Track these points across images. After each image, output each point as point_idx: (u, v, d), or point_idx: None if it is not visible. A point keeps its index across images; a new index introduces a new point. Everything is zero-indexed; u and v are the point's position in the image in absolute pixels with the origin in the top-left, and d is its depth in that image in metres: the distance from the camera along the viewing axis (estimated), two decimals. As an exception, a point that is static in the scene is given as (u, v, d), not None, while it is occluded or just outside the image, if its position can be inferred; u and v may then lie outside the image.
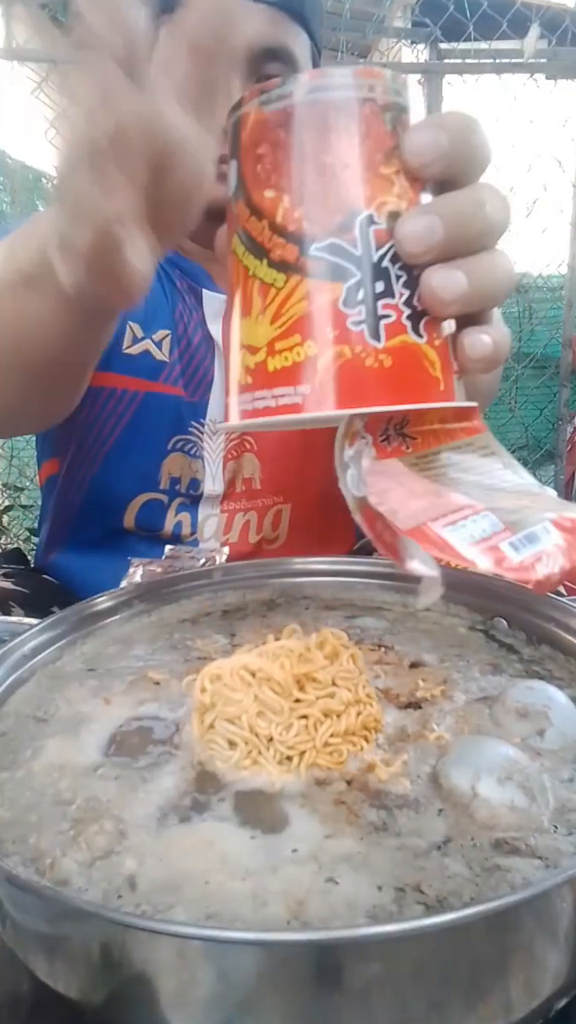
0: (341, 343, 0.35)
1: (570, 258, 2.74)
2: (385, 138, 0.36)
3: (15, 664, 0.55)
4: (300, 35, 0.82)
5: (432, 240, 0.35)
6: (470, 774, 0.40)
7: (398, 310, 0.35)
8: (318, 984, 0.30)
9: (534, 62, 2.50)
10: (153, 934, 0.30)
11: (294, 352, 0.36)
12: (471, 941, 0.30)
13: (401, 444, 0.38)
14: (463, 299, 0.35)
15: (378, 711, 0.46)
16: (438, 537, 0.34)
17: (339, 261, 0.35)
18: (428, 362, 0.36)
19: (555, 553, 0.34)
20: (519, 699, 0.47)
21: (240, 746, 0.43)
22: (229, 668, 0.46)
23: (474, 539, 0.34)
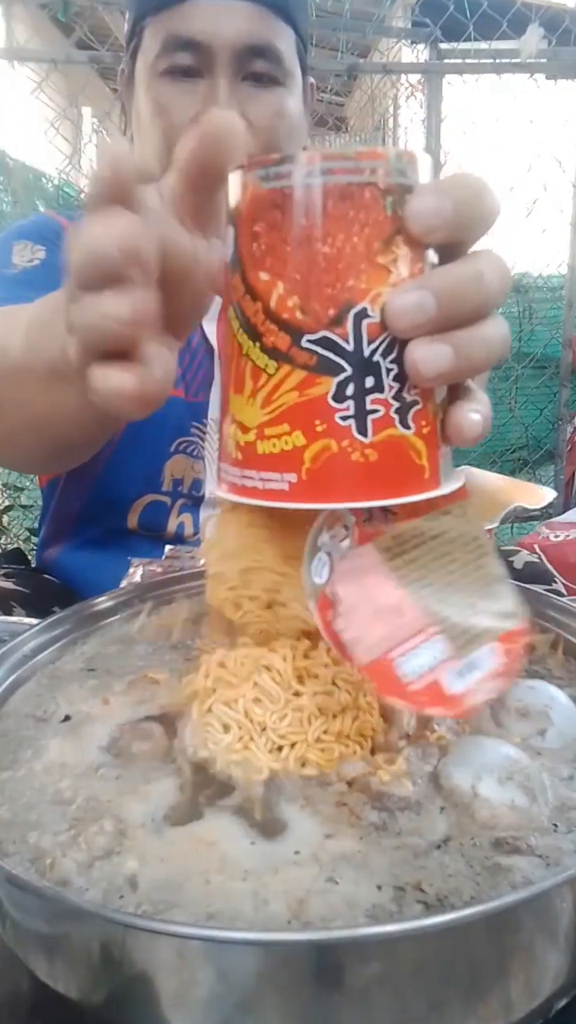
0: (328, 437, 0.35)
1: (570, 258, 2.74)
2: (384, 225, 0.35)
3: (15, 664, 0.55)
4: (285, 31, 0.82)
5: (422, 317, 0.34)
6: (471, 774, 0.40)
7: (387, 404, 0.35)
8: (318, 984, 0.30)
9: (534, 62, 2.50)
10: (153, 934, 0.30)
11: (282, 440, 0.36)
12: (471, 941, 0.30)
13: (383, 522, 0.39)
14: (447, 374, 0.35)
15: (377, 721, 0.46)
16: (391, 673, 0.36)
17: (330, 356, 0.35)
18: (414, 452, 0.36)
19: (489, 680, 0.37)
20: (520, 699, 0.47)
21: (233, 730, 0.43)
22: (234, 656, 0.46)
23: (421, 670, 0.37)
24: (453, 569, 0.39)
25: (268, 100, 0.81)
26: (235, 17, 0.78)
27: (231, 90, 0.79)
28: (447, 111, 2.59)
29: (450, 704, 0.37)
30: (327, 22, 2.67)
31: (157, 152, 0.84)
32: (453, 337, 0.35)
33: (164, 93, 0.80)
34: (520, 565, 0.94)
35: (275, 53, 0.81)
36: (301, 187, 0.35)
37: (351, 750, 0.44)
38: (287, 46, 0.82)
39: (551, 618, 0.59)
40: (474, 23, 2.52)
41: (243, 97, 0.80)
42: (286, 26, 0.82)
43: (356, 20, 2.69)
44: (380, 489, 0.36)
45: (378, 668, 0.36)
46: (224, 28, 0.77)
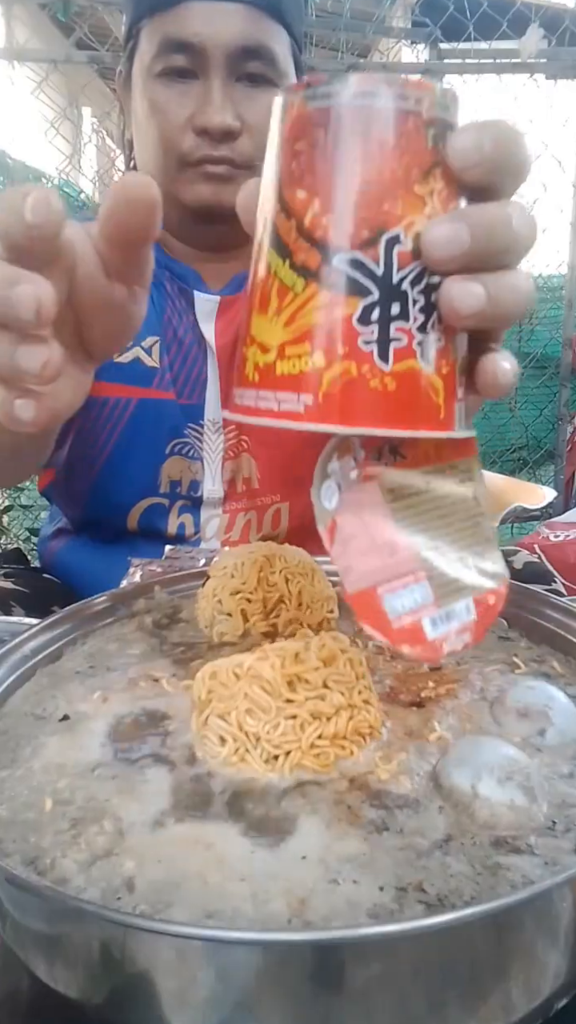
0: (349, 360, 0.35)
1: (570, 258, 2.74)
2: (424, 155, 0.35)
3: (15, 664, 0.55)
4: (279, 32, 0.83)
5: (457, 249, 0.34)
6: (470, 774, 0.40)
7: (410, 335, 0.35)
8: (318, 984, 0.30)
9: (534, 62, 2.50)
10: (153, 934, 0.30)
11: (302, 360, 0.36)
12: (471, 941, 0.30)
13: (391, 460, 0.39)
14: (480, 314, 0.35)
15: (375, 717, 0.46)
16: (376, 605, 0.37)
17: (359, 277, 0.35)
18: (433, 390, 0.36)
19: (463, 631, 0.39)
20: (520, 698, 0.47)
21: (228, 743, 0.43)
22: (224, 666, 0.46)
23: (404, 610, 0.37)
24: (449, 523, 0.40)
25: (263, 100, 0.81)
26: (229, 19, 0.79)
27: (225, 91, 0.80)
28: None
29: (428, 649, 0.37)
30: (327, 22, 2.67)
31: (155, 152, 0.84)
32: (485, 278, 0.35)
33: (160, 94, 0.81)
34: (520, 565, 0.94)
35: (269, 54, 0.82)
36: (346, 107, 0.35)
37: (347, 751, 0.44)
38: (281, 47, 0.83)
39: (551, 618, 0.59)
40: (474, 23, 2.52)
41: (238, 98, 0.81)
42: (280, 27, 0.83)
43: (356, 20, 2.69)
44: (395, 419, 0.35)
45: (364, 599, 0.37)
46: (218, 30, 0.78)
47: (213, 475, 0.95)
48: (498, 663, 0.56)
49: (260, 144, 0.79)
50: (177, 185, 0.84)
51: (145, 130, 0.84)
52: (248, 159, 0.83)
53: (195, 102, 0.80)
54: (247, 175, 0.80)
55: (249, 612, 0.59)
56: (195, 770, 0.44)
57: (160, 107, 0.81)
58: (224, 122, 0.79)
